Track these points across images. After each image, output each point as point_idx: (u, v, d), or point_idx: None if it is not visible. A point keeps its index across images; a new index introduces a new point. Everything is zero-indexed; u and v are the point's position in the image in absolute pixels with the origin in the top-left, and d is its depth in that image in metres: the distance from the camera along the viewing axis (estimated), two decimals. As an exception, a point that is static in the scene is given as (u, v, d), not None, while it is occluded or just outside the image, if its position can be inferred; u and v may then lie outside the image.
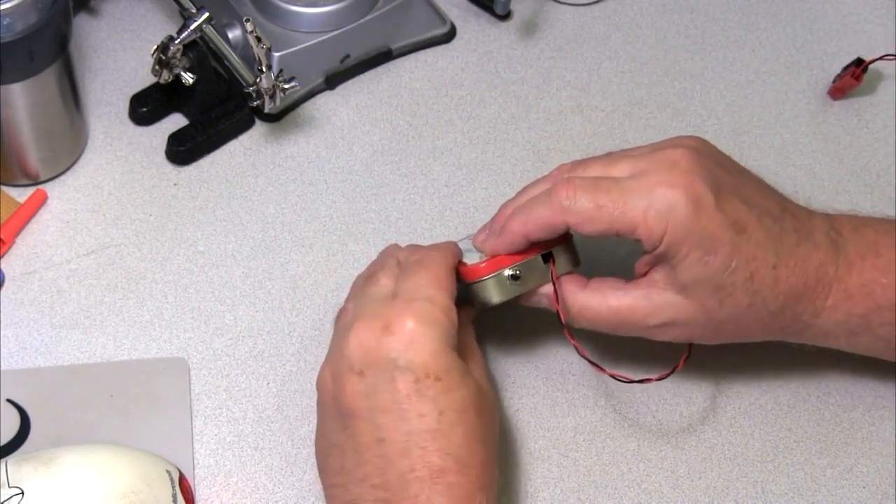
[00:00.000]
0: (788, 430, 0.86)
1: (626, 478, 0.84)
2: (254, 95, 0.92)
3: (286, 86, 0.91)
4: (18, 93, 0.86)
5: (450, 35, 1.02)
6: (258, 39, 0.88)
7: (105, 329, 0.87)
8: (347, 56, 0.98)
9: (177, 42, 0.89)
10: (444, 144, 0.97)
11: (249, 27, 0.88)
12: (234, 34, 0.96)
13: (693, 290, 0.77)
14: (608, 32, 1.03)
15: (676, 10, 1.05)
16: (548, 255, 0.80)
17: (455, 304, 0.76)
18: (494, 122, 0.98)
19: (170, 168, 0.94)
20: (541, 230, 0.78)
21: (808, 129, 0.99)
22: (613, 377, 0.80)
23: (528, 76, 1.01)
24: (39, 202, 0.91)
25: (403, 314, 0.74)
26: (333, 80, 0.98)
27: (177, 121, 0.96)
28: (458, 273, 0.80)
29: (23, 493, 0.75)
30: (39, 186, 0.92)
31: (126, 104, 0.96)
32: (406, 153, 0.96)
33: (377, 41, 0.99)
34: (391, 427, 0.72)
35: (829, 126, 1.00)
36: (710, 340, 0.81)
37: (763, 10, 1.05)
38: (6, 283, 0.88)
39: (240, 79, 0.94)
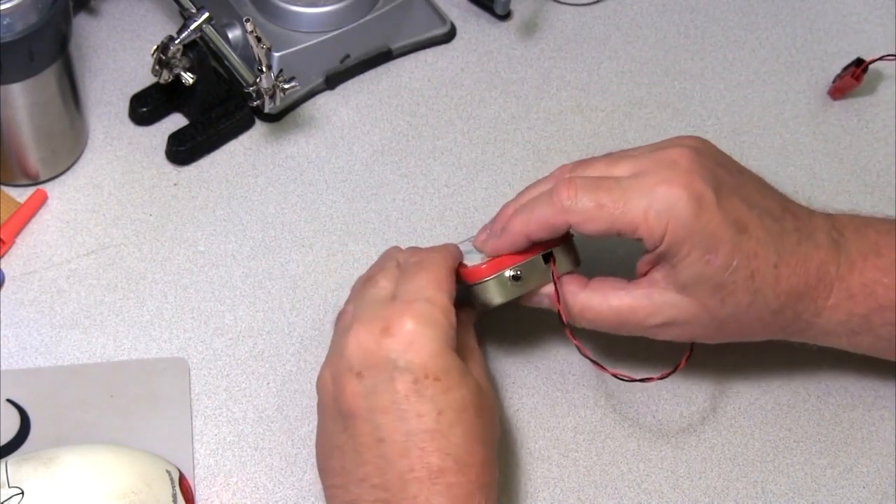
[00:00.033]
0: (788, 430, 0.86)
1: (626, 478, 0.84)
2: (254, 95, 0.92)
3: (286, 86, 0.91)
4: (18, 93, 0.86)
5: (450, 35, 1.02)
6: (258, 39, 0.88)
7: (105, 329, 0.87)
8: (347, 56, 0.98)
9: (177, 42, 0.89)
10: (444, 144, 0.97)
11: (249, 27, 0.88)
12: (234, 34, 0.96)
13: (694, 290, 0.77)
14: (608, 32, 1.03)
15: (676, 10, 1.05)
16: (548, 256, 0.80)
17: (456, 306, 0.76)
18: (494, 122, 0.98)
19: (170, 168, 0.94)
20: (542, 230, 0.78)
21: (809, 130, 0.99)
22: (615, 376, 0.80)
23: (528, 76, 1.01)
24: (39, 202, 0.91)
25: (402, 315, 0.74)
26: (333, 80, 0.98)
27: (177, 121, 0.96)
28: (459, 275, 0.80)
29: (23, 493, 0.75)
30: (39, 186, 0.92)
31: (126, 104, 0.96)
32: (406, 153, 0.96)
33: (377, 41, 0.99)
34: (390, 427, 0.72)
35: (829, 126, 1.00)
36: (712, 340, 0.81)
37: (763, 10, 1.05)
38: (6, 283, 0.88)
39: (240, 79, 0.94)
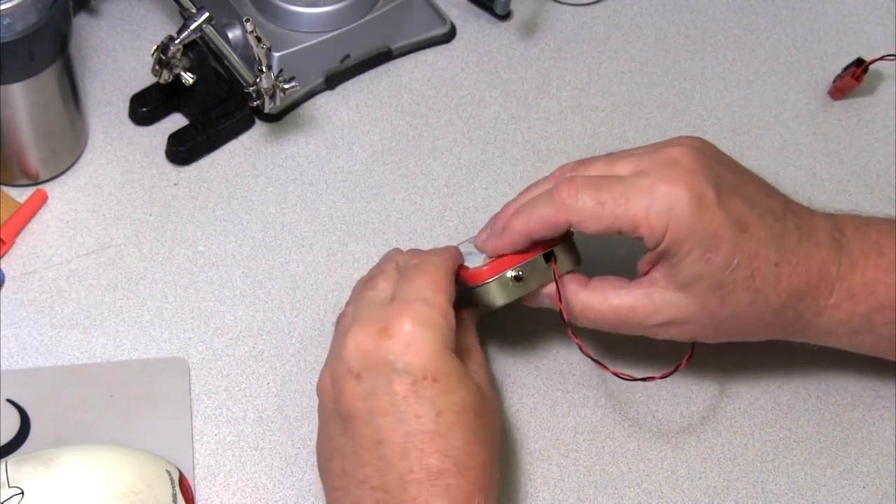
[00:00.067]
0: (788, 430, 0.86)
1: (626, 478, 0.84)
2: (254, 95, 0.92)
3: (286, 86, 0.91)
4: (18, 93, 0.86)
5: (450, 35, 1.02)
6: (258, 39, 0.88)
7: (105, 329, 0.87)
8: (347, 56, 0.98)
9: (177, 42, 0.89)
10: (444, 144, 0.97)
11: (249, 27, 0.88)
12: (234, 34, 0.96)
13: (694, 288, 0.77)
14: (608, 32, 1.03)
15: (676, 10, 1.05)
16: (549, 255, 0.80)
17: (456, 307, 0.76)
18: (494, 122, 0.98)
19: (170, 168, 0.94)
20: (543, 229, 0.78)
21: (809, 130, 0.99)
22: (616, 375, 0.80)
23: (528, 76, 1.01)
24: (39, 202, 0.91)
25: (401, 317, 0.74)
26: (333, 80, 0.98)
27: (177, 121, 0.96)
28: (461, 277, 0.80)
29: (23, 493, 0.75)
30: (39, 186, 0.92)
31: (126, 104, 0.96)
32: (406, 153, 0.96)
33: (377, 41, 0.99)
34: (390, 429, 0.72)
35: (830, 126, 1.00)
36: (713, 339, 0.81)
37: (763, 10, 1.05)
38: (6, 283, 0.88)
39: (240, 79, 0.94)
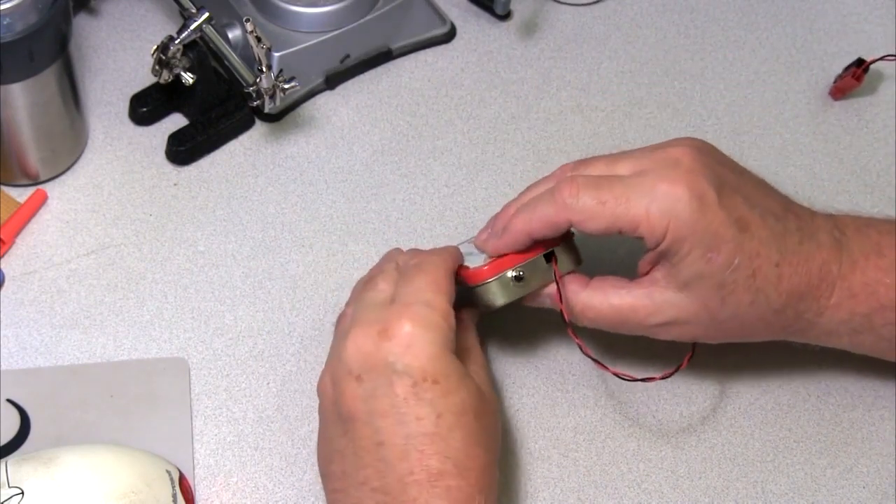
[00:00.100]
0: (788, 430, 0.86)
1: (626, 478, 0.84)
2: (254, 95, 0.92)
3: (286, 86, 0.91)
4: (18, 93, 0.86)
5: (450, 35, 1.02)
6: (258, 39, 0.88)
7: (105, 329, 0.87)
8: (347, 56, 0.98)
9: (177, 42, 0.89)
10: (444, 144, 0.97)
11: (249, 27, 0.88)
12: (234, 34, 0.96)
13: (695, 288, 0.77)
14: (608, 32, 1.03)
15: (676, 10, 1.05)
16: (550, 255, 0.80)
17: (457, 307, 0.76)
18: (494, 122, 0.98)
19: (170, 168, 0.94)
20: (544, 228, 0.78)
21: (809, 130, 0.99)
22: (617, 375, 0.80)
23: (528, 76, 1.01)
24: (39, 202, 0.91)
25: (401, 318, 0.74)
26: (333, 80, 0.98)
27: (177, 121, 0.96)
28: (461, 277, 0.80)
29: (23, 493, 0.75)
30: (39, 186, 0.92)
31: (126, 104, 0.96)
32: (406, 153, 0.96)
33: (377, 41, 0.99)
34: (390, 430, 0.72)
35: (830, 126, 1.00)
36: (713, 339, 0.81)
37: (763, 10, 1.05)
38: (6, 283, 0.88)
39: (240, 79, 0.94)
